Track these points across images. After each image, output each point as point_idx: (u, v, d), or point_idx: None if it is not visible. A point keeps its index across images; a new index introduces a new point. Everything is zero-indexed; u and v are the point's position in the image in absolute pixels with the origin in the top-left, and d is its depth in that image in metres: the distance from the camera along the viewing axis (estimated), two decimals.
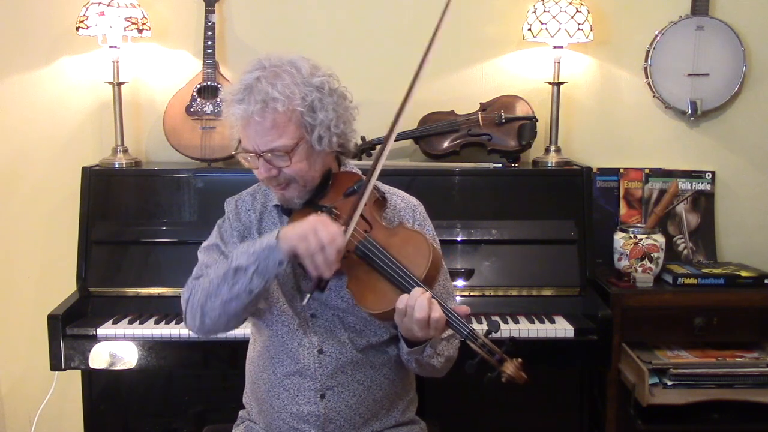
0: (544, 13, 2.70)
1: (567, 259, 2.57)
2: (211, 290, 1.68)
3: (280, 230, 1.64)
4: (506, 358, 1.51)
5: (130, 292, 2.54)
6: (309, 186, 1.73)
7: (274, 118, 1.64)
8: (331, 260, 1.57)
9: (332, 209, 1.70)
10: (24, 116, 2.93)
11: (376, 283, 1.63)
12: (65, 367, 2.40)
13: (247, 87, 1.65)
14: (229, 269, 1.65)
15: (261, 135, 1.65)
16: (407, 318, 1.56)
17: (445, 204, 2.60)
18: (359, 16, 2.90)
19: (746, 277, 2.62)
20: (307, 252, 1.57)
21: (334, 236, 1.57)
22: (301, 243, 1.57)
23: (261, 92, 1.63)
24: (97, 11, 2.64)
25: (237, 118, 1.66)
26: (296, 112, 1.65)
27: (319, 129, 1.68)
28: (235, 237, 1.81)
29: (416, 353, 1.69)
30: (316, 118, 1.67)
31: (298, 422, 1.75)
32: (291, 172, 1.68)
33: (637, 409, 2.43)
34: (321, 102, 1.68)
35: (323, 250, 1.56)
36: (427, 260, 1.61)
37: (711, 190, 2.92)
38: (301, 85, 1.66)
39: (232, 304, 1.67)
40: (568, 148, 2.92)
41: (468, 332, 1.55)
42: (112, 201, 2.66)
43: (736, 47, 2.85)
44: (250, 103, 1.63)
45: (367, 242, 1.65)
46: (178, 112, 2.76)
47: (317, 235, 1.57)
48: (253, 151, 1.67)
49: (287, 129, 1.65)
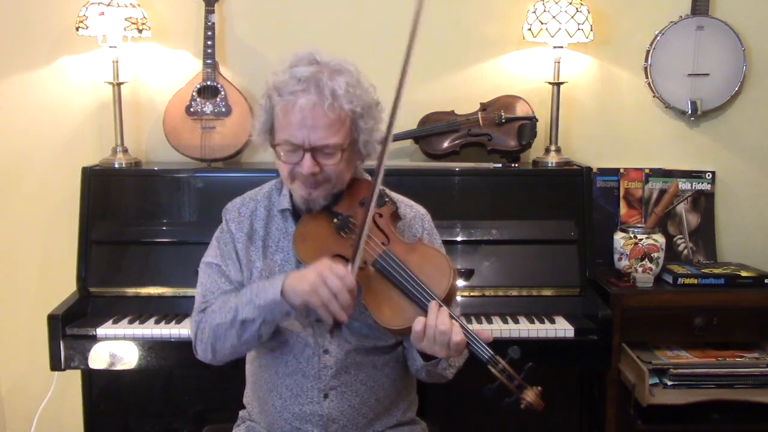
0: (544, 13, 2.70)
1: (567, 259, 2.57)
2: (219, 333, 1.70)
3: (285, 282, 1.60)
4: (526, 385, 1.51)
5: (130, 292, 2.54)
6: (337, 189, 1.72)
7: (338, 115, 1.62)
8: (347, 305, 1.55)
9: (348, 218, 1.69)
10: (24, 116, 2.93)
11: (394, 297, 1.61)
12: (65, 367, 2.39)
13: (310, 79, 1.62)
14: (236, 320, 1.66)
15: (319, 129, 1.62)
16: (427, 339, 1.53)
17: (445, 204, 2.60)
18: (359, 16, 2.90)
19: (746, 277, 2.63)
20: (321, 303, 1.55)
21: (344, 280, 1.54)
22: (313, 297, 1.56)
23: (328, 87, 1.61)
24: (97, 11, 2.64)
25: (297, 109, 1.61)
26: (355, 113, 1.65)
27: (365, 134, 1.68)
28: (236, 250, 1.78)
29: (431, 366, 1.69)
30: (366, 123, 1.67)
31: (301, 422, 1.75)
32: (333, 172, 1.66)
33: (637, 409, 2.43)
34: (371, 109, 1.69)
35: (336, 297, 1.54)
36: (448, 280, 1.59)
37: (711, 190, 2.92)
38: (357, 87, 1.66)
39: (243, 347, 1.72)
40: (568, 148, 2.92)
41: (489, 357, 1.53)
42: (112, 201, 2.66)
43: (736, 47, 2.85)
44: (318, 95, 1.60)
45: (387, 256, 1.63)
46: (177, 112, 2.76)
47: (327, 285, 1.54)
48: (301, 144, 1.63)
49: (343, 128, 1.64)
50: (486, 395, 1.50)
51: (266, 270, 1.77)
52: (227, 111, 2.75)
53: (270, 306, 1.62)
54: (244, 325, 1.65)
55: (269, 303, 1.62)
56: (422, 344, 1.55)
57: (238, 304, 1.67)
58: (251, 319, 1.64)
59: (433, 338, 1.53)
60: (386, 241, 1.66)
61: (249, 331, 1.65)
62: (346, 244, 1.67)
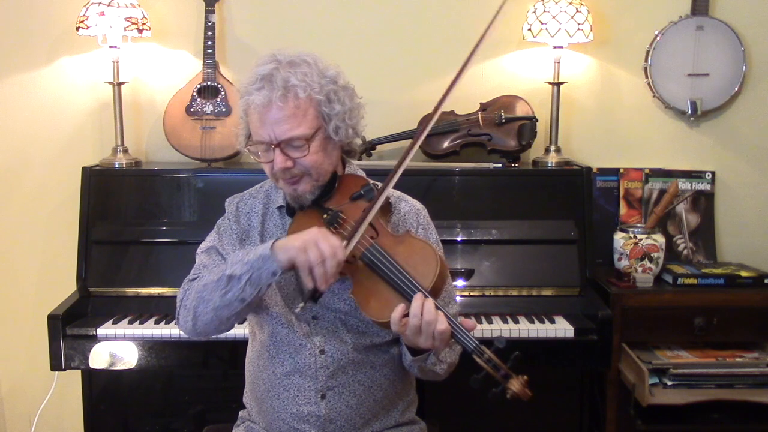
0: (544, 13, 2.70)
1: (567, 259, 2.57)
2: (203, 295, 1.69)
3: (277, 240, 1.62)
4: (512, 374, 1.49)
5: (130, 292, 2.54)
6: (321, 180, 1.72)
7: (296, 104, 1.63)
8: (330, 274, 1.56)
9: (338, 213, 1.69)
10: (24, 116, 2.94)
11: (381, 291, 1.61)
12: (65, 367, 2.40)
13: (266, 76, 1.64)
14: (223, 276, 1.65)
15: (280, 123, 1.63)
16: (412, 329, 1.53)
17: (445, 204, 2.60)
18: (359, 16, 2.90)
19: (746, 277, 2.62)
20: (306, 264, 1.56)
21: (336, 250, 1.55)
22: (301, 254, 1.56)
23: (281, 79, 1.62)
24: (97, 11, 2.64)
25: (255, 108, 1.64)
26: (314, 101, 1.65)
27: (336, 120, 1.68)
28: (233, 239, 1.81)
29: (420, 361, 1.69)
30: (333, 108, 1.68)
31: (299, 422, 1.75)
32: (307, 163, 1.67)
33: (637, 409, 2.43)
34: (336, 94, 1.69)
35: (324, 263, 1.54)
36: (434, 271, 1.59)
37: (711, 190, 2.92)
38: (317, 75, 1.67)
39: (223, 311, 1.67)
40: (568, 148, 2.92)
41: (474, 346, 1.52)
42: (112, 201, 2.66)
43: (736, 47, 2.85)
44: (271, 89, 1.62)
45: (374, 249, 1.63)
46: (178, 112, 2.76)
47: (318, 247, 1.55)
48: (269, 141, 1.65)
49: (306, 117, 1.65)
50: (472, 386, 1.49)
51: None
52: (227, 111, 2.75)
53: (258, 262, 1.61)
54: (230, 282, 1.64)
55: (258, 258, 1.61)
56: (407, 335, 1.55)
57: (230, 262, 1.68)
58: (238, 275, 1.63)
59: (418, 329, 1.53)
60: (375, 235, 1.67)
61: (234, 289, 1.63)
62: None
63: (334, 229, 1.67)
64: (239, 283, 1.63)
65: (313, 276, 1.56)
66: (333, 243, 1.56)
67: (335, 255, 1.55)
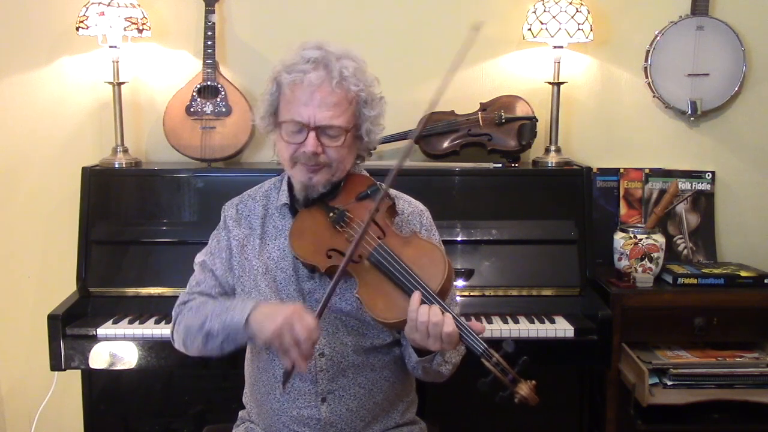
0: (544, 13, 2.70)
1: (567, 259, 2.57)
2: (188, 335, 1.73)
3: (252, 315, 1.61)
4: (520, 378, 1.49)
5: (130, 292, 2.54)
6: (336, 176, 1.72)
7: (345, 95, 1.64)
8: (307, 355, 1.55)
9: (345, 212, 1.69)
10: (24, 116, 2.93)
11: (388, 291, 1.60)
12: (65, 367, 2.40)
13: (321, 59, 1.64)
14: (203, 329, 1.68)
15: (327, 108, 1.63)
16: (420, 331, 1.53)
17: (445, 204, 2.60)
18: (359, 16, 2.90)
19: (746, 277, 2.62)
20: (282, 348, 1.56)
21: (310, 331, 1.54)
22: (276, 340, 1.55)
23: (337, 68, 1.63)
24: (97, 11, 2.64)
25: (303, 86, 1.62)
26: (359, 99, 1.67)
27: (368, 123, 1.70)
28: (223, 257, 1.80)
29: (426, 362, 1.68)
30: (370, 110, 1.69)
31: (299, 425, 1.75)
32: (335, 156, 1.67)
33: (637, 409, 2.43)
34: (373, 99, 1.70)
35: (298, 346, 1.54)
36: (443, 273, 1.59)
37: (711, 190, 2.92)
38: (363, 74, 1.68)
39: (209, 353, 1.72)
40: (568, 148, 2.92)
41: (483, 350, 1.51)
42: (112, 201, 2.66)
43: (736, 47, 2.85)
44: (327, 72, 1.62)
45: (382, 249, 1.63)
46: (178, 112, 2.76)
47: (293, 331, 1.53)
48: (307, 122, 1.64)
49: (347, 111, 1.66)
50: (480, 389, 1.48)
51: (262, 267, 1.77)
52: (227, 111, 2.75)
53: (233, 327, 1.63)
54: (208, 336, 1.67)
55: (233, 325, 1.63)
56: (415, 336, 1.55)
57: (210, 313, 1.69)
58: (215, 333, 1.66)
59: (426, 330, 1.53)
60: (382, 235, 1.66)
61: (211, 343, 1.68)
62: (341, 238, 1.67)
63: (340, 228, 1.68)
64: (216, 341, 1.67)
65: (290, 358, 1.55)
66: (308, 324, 1.54)
67: (310, 337, 1.54)
